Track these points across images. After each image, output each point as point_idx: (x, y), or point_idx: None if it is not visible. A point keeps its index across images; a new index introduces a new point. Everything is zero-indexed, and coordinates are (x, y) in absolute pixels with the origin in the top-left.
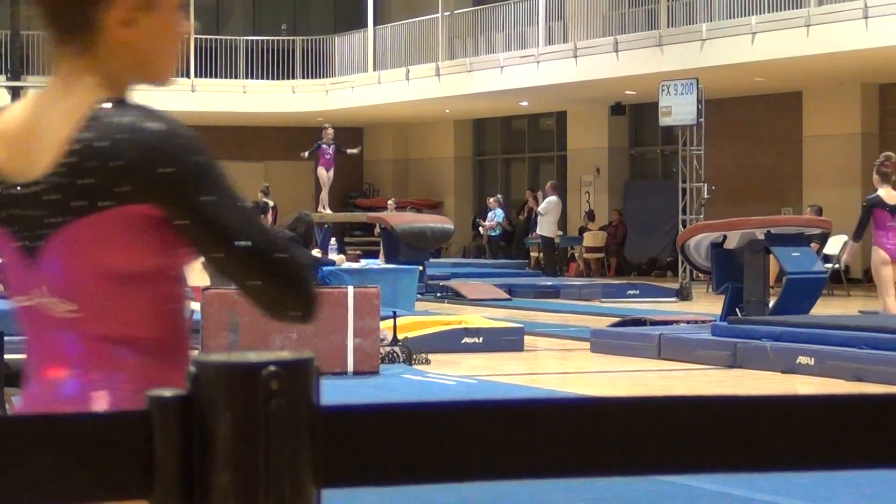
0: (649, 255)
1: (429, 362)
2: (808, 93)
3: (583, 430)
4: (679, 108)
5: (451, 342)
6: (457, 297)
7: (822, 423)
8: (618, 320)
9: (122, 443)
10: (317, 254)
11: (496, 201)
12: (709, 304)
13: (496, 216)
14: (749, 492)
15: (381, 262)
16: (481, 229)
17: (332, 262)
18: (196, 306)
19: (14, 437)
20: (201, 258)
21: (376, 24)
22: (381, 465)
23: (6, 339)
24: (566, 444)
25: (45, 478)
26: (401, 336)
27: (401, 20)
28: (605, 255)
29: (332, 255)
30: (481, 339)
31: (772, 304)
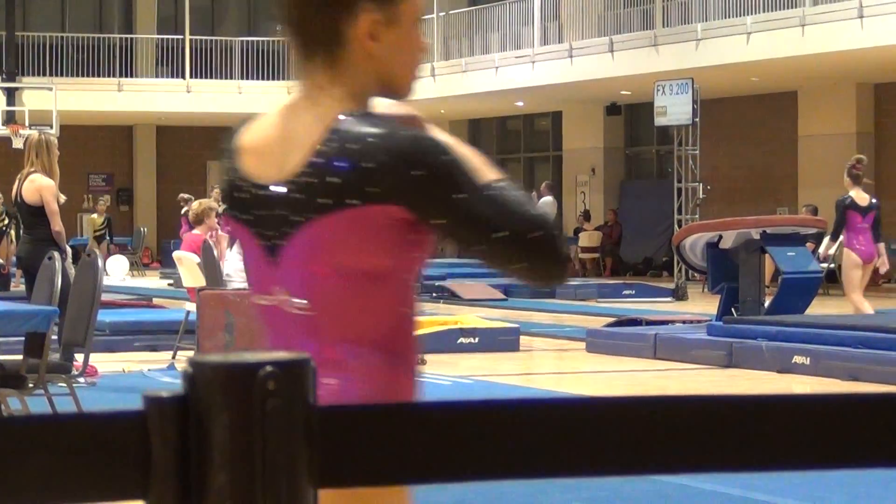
0: (645, 254)
1: (424, 362)
2: (804, 92)
3: (579, 430)
4: (674, 108)
5: (446, 342)
6: (452, 297)
7: (817, 422)
8: (613, 320)
9: (119, 443)
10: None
11: None
12: (704, 304)
13: None
14: (745, 491)
15: None
16: None
17: None
18: (191, 307)
19: (11, 438)
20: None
21: None
22: (378, 465)
23: (1, 340)
24: (562, 445)
25: (42, 478)
26: None
27: None
28: (600, 255)
29: None
30: (477, 339)
31: (767, 304)
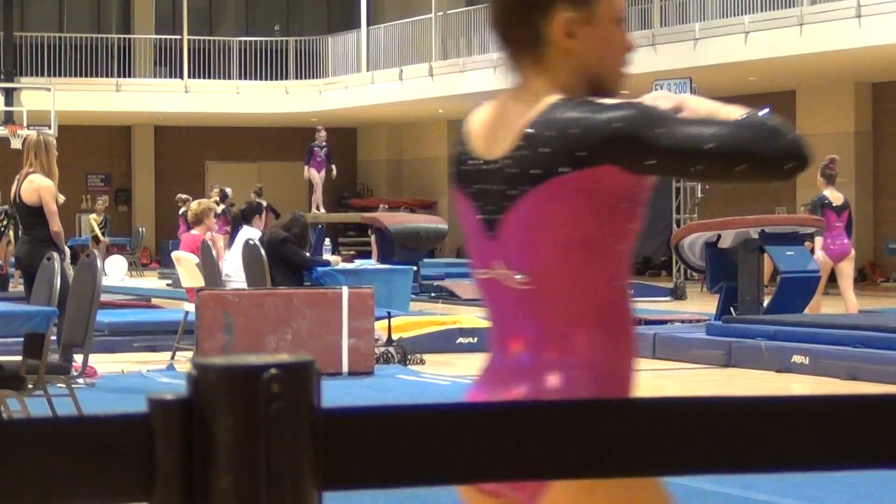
0: (643, 254)
1: (424, 362)
2: (802, 92)
3: (579, 430)
4: None
5: (445, 342)
6: (451, 297)
7: (816, 422)
8: None
9: (123, 446)
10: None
11: None
12: (703, 304)
13: None
14: (744, 491)
15: (374, 261)
16: None
17: (327, 263)
18: (190, 307)
19: (14, 440)
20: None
21: (370, 24)
22: (383, 467)
23: (0, 340)
24: (562, 445)
25: (46, 481)
26: (395, 336)
27: (394, 20)
28: None
29: (327, 256)
30: (476, 339)
31: (766, 304)
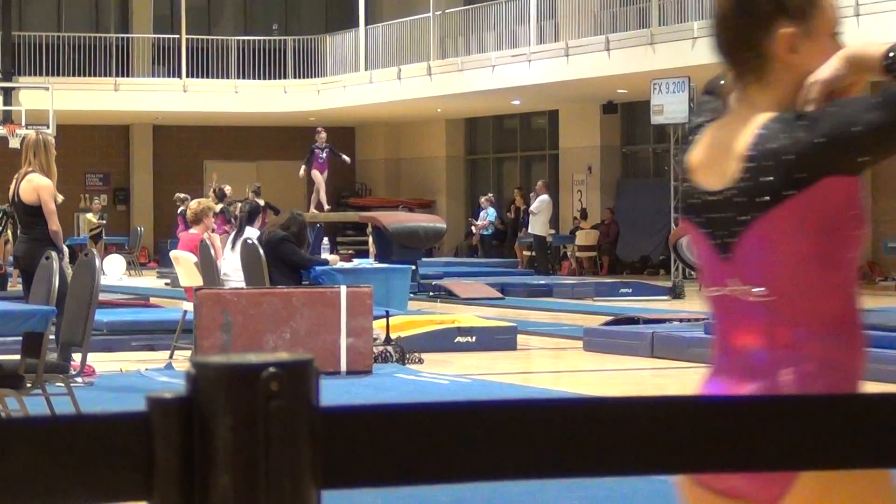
0: (642, 253)
1: (422, 361)
2: None
3: (578, 429)
4: (671, 107)
5: (444, 341)
6: (449, 296)
7: (814, 421)
8: (611, 319)
9: (122, 445)
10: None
11: (488, 200)
12: (701, 303)
13: (488, 215)
14: None
15: (372, 261)
16: (473, 228)
17: (325, 262)
18: (189, 306)
19: (13, 439)
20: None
21: (368, 23)
22: (382, 465)
23: (2, 339)
24: (561, 444)
25: (45, 480)
26: (394, 335)
27: (392, 19)
28: (597, 254)
29: (325, 255)
30: (474, 338)
31: None
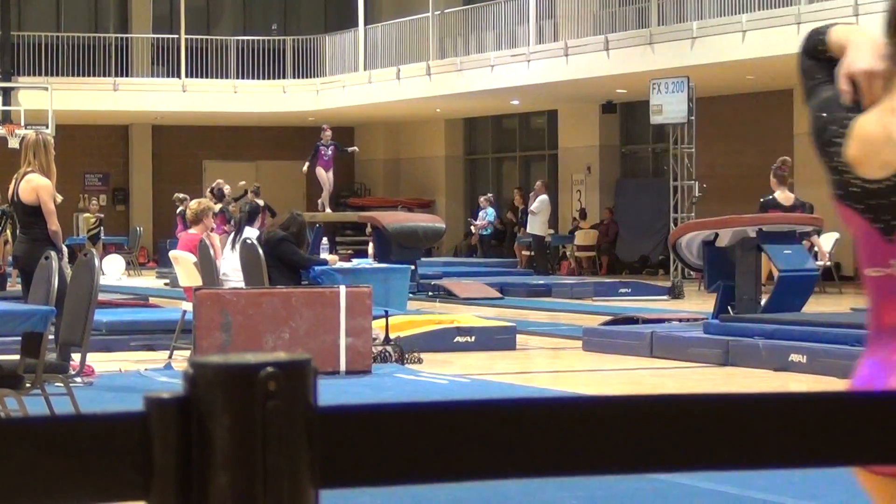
0: (641, 253)
1: (421, 361)
2: (800, 90)
3: (577, 429)
4: (670, 107)
5: (443, 341)
6: (449, 296)
7: (814, 421)
8: (610, 319)
9: (120, 444)
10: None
11: (487, 200)
12: (700, 303)
13: (487, 215)
14: (741, 489)
15: (371, 260)
16: (472, 228)
17: (325, 262)
18: (188, 306)
19: (11, 440)
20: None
21: (367, 23)
22: (380, 465)
23: (1, 339)
24: (561, 444)
25: (43, 480)
26: (393, 335)
27: (391, 19)
28: (596, 254)
29: (324, 255)
30: (473, 337)
31: (764, 302)
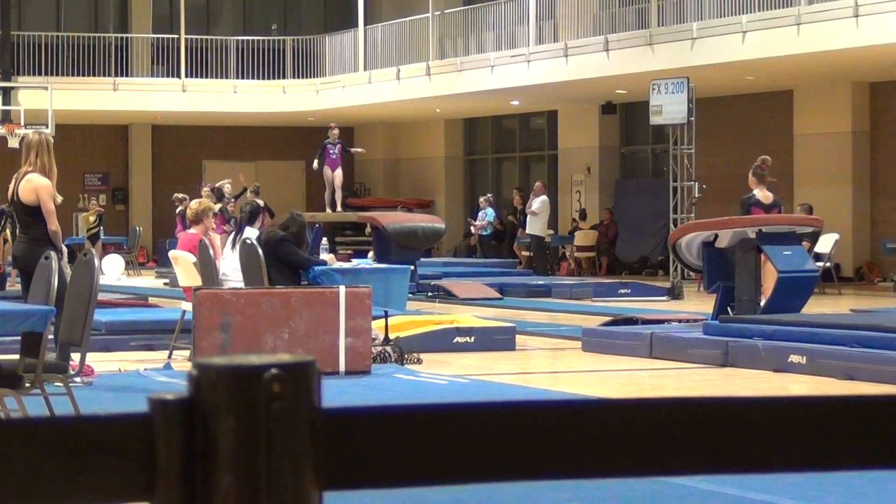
0: (640, 253)
1: (420, 362)
2: (799, 91)
3: (577, 430)
4: (670, 107)
5: (442, 341)
6: (448, 296)
7: (813, 422)
8: (609, 319)
9: (124, 445)
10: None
11: (487, 201)
12: (700, 303)
13: (487, 216)
14: (741, 491)
15: (370, 260)
16: (472, 229)
17: (324, 262)
18: (187, 306)
19: (14, 440)
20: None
21: (367, 23)
22: (384, 467)
23: (0, 339)
24: (561, 445)
25: (46, 480)
26: (392, 335)
27: (391, 20)
28: (596, 254)
29: (323, 255)
30: (473, 338)
31: (763, 303)
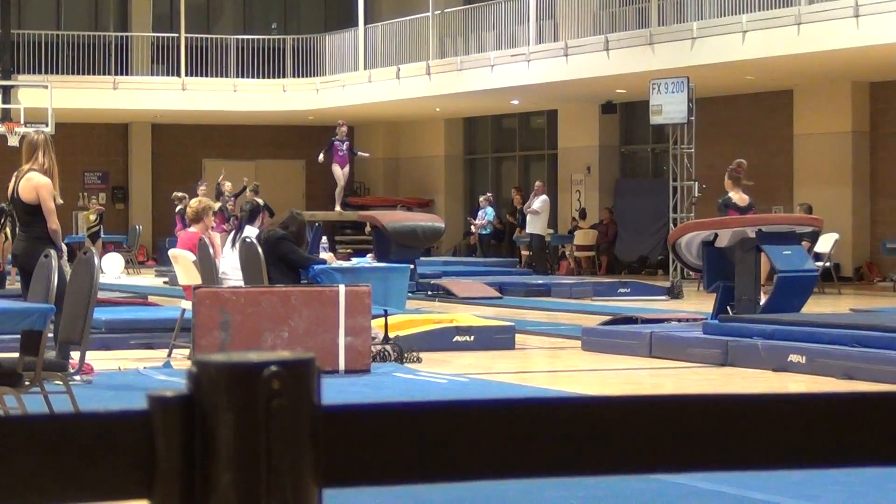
0: (640, 253)
1: (420, 360)
2: (799, 91)
3: (576, 429)
4: (670, 107)
5: (442, 340)
6: (448, 295)
7: (813, 421)
8: (609, 318)
9: (123, 443)
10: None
11: (487, 200)
12: (700, 303)
13: (487, 215)
14: (740, 489)
15: (370, 259)
16: (473, 227)
17: (324, 261)
18: (187, 305)
19: (14, 437)
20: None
21: (367, 22)
22: (383, 464)
23: (0, 337)
24: (560, 444)
25: (45, 478)
26: (392, 334)
27: (391, 19)
28: (595, 254)
29: (323, 254)
30: (472, 337)
31: (763, 303)
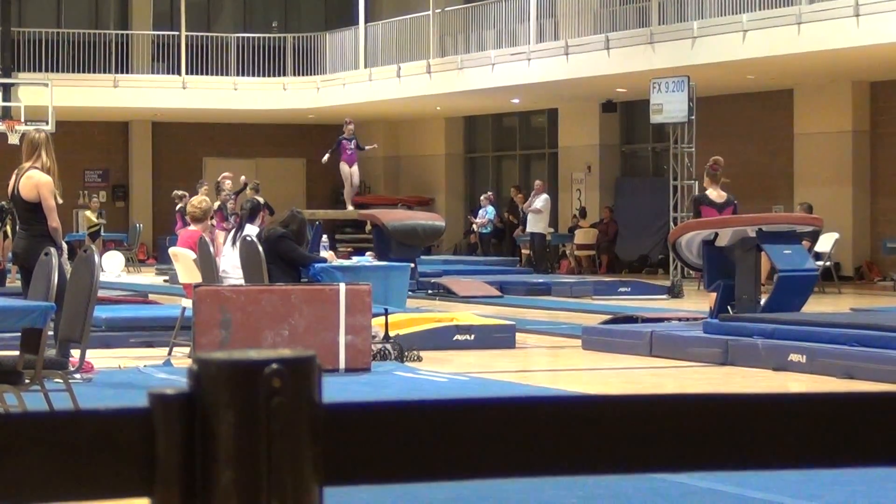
0: (640, 252)
1: (420, 359)
2: (800, 90)
3: (576, 428)
4: (670, 106)
5: (442, 339)
6: (448, 294)
7: (813, 420)
8: (609, 317)
9: (124, 441)
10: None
11: (487, 199)
12: (700, 302)
13: (487, 213)
14: (740, 489)
15: (371, 258)
16: (474, 226)
17: (324, 260)
18: (187, 303)
19: (15, 435)
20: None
21: (367, 21)
22: (383, 462)
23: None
24: (560, 443)
25: (47, 475)
26: (392, 333)
27: (392, 17)
28: (596, 253)
29: (323, 252)
30: (473, 336)
31: (763, 302)
